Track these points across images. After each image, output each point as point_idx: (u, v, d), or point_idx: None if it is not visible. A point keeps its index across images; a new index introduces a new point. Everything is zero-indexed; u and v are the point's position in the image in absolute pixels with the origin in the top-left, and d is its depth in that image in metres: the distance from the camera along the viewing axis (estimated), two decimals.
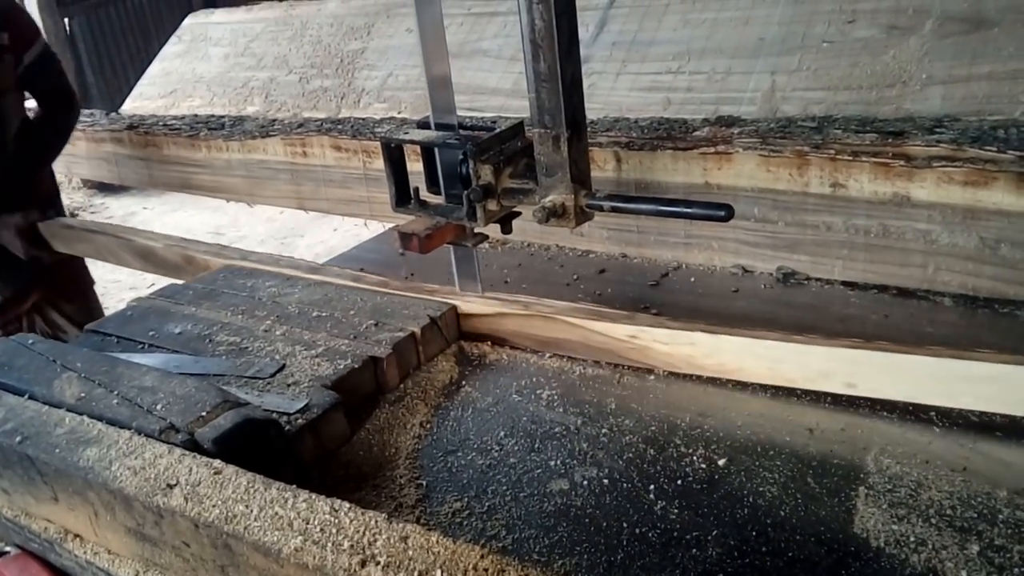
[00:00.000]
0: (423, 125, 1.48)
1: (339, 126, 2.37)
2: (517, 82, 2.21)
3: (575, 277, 1.85)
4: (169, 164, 2.66)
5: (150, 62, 3.40)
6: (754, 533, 1.05)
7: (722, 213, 1.16)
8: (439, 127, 1.46)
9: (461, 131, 1.42)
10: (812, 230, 1.66)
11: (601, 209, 1.27)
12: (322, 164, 2.41)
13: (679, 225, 1.80)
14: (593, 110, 1.94)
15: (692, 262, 1.84)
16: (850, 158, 1.56)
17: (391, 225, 2.09)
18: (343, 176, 2.38)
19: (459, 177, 1.39)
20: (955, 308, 1.54)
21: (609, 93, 2.03)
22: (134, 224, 5.76)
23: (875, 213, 1.58)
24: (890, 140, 1.54)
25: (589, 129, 1.67)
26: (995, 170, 1.45)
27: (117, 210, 6.63)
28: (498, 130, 1.36)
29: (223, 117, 2.77)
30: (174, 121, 2.84)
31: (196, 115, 2.87)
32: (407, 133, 1.47)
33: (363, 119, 2.39)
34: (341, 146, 2.32)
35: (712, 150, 1.69)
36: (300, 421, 1.22)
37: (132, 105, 3.26)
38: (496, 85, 2.26)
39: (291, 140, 2.43)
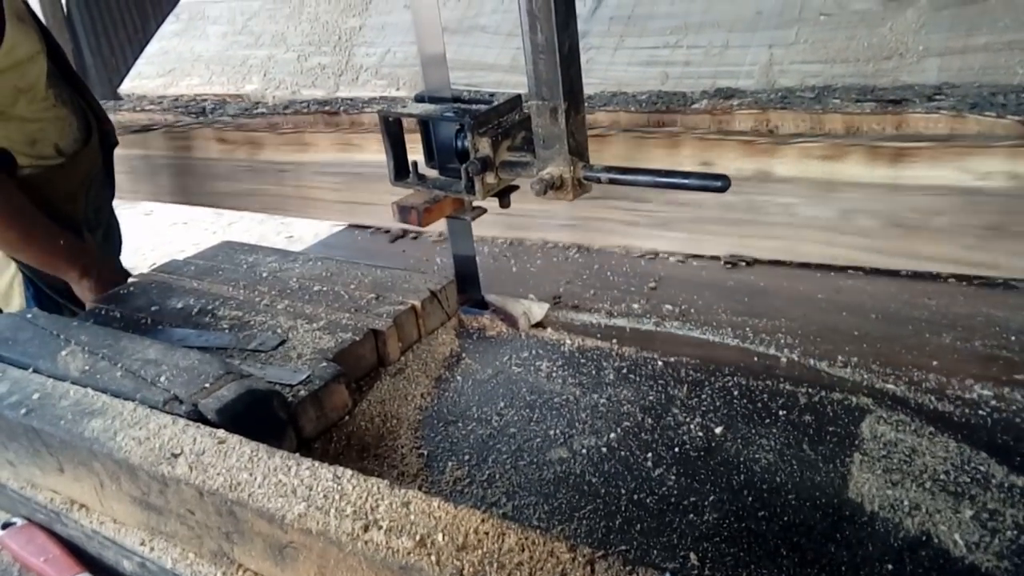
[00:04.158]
0: (421, 99, 1.48)
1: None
2: (515, 58, 2.20)
3: None
4: None
5: (148, 41, 3.38)
6: (750, 498, 1.06)
7: (719, 184, 1.16)
8: (437, 100, 1.46)
9: (459, 104, 1.43)
10: (687, 208, 1.77)
11: (599, 181, 1.27)
12: (204, 157, 2.44)
13: (564, 208, 1.86)
14: (591, 85, 1.94)
15: (580, 242, 1.95)
16: (718, 137, 1.65)
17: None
18: (229, 169, 2.41)
19: (456, 150, 1.39)
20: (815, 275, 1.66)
21: (607, 68, 2.02)
22: None
23: (742, 189, 1.66)
24: (889, 109, 1.54)
25: (587, 104, 1.68)
26: (849, 144, 1.54)
27: None
28: (496, 103, 1.36)
29: None
30: None
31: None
32: (405, 107, 1.47)
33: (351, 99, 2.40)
34: (226, 138, 2.35)
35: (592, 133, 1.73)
36: (302, 392, 1.23)
37: (130, 84, 3.24)
38: (494, 61, 2.25)
39: (173, 134, 2.45)
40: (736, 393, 1.27)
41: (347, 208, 2.31)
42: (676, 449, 1.17)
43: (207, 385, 1.14)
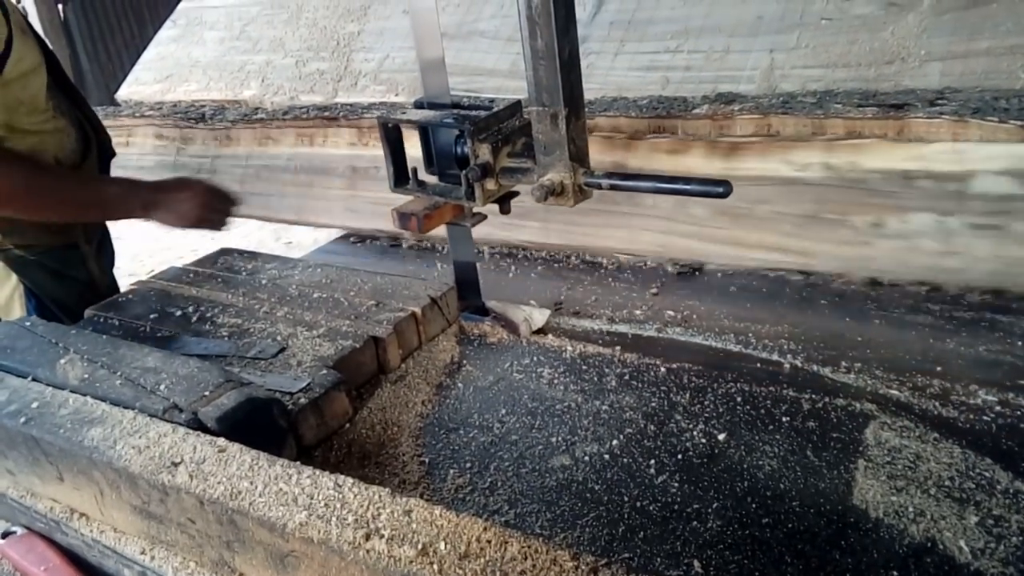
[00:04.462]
0: (420, 105, 1.48)
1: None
2: (515, 62, 2.20)
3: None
4: None
5: (145, 47, 3.38)
6: (754, 506, 1.06)
7: (720, 189, 1.15)
8: (436, 106, 1.46)
9: (459, 110, 1.42)
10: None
11: (599, 187, 1.26)
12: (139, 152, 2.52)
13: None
14: (591, 90, 1.93)
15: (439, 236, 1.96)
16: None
17: None
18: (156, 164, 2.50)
19: (456, 156, 1.39)
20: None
21: (607, 73, 2.02)
22: None
23: None
24: (891, 114, 1.54)
25: (587, 109, 1.68)
26: (691, 139, 1.67)
27: None
28: (496, 109, 1.36)
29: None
30: None
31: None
32: (404, 113, 1.46)
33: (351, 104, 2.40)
34: (164, 135, 2.40)
35: None
36: (302, 400, 1.23)
37: (128, 91, 3.24)
38: (493, 66, 2.25)
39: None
40: (739, 399, 1.27)
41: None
42: (679, 456, 1.16)
43: (207, 393, 1.13)
